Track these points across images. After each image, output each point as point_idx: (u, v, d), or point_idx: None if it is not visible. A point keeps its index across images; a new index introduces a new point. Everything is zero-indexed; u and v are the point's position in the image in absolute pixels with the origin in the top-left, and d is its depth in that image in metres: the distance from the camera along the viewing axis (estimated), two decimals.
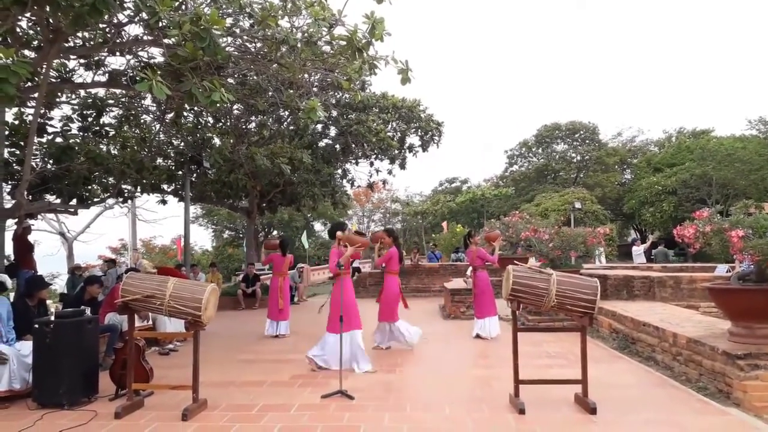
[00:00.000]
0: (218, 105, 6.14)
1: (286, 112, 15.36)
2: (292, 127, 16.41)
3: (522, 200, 39.12)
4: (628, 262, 20.54)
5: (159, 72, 7.44)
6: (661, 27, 77.36)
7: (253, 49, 8.27)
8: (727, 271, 10.78)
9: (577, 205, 30.78)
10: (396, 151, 18.00)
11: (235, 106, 13.27)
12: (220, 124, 15.08)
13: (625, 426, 4.47)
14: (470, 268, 11.26)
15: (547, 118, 74.40)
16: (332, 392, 5.46)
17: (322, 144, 17.65)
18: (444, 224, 36.05)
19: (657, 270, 12.87)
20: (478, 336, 9.00)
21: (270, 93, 11.22)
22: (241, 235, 36.08)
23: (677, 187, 31.49)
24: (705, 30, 74.90)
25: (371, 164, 18.59)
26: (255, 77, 10.50)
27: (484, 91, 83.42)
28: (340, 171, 18.84)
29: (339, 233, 7.28)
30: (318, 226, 44.26)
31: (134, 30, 8.32)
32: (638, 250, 18.94)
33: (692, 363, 6.00)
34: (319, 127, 17.16)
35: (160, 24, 5.94)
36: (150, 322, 8.12)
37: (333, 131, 17.44)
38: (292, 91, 10.56)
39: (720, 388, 5.40)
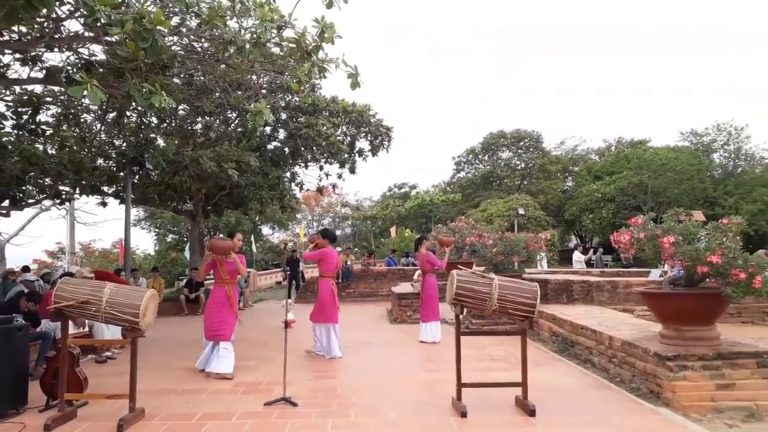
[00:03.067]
0: (158, 108, 5.96)
1: (234, 114, 15.11)
2: (239, 129, 16.15)
3: (468, 206, 39.75)
4: (569, 266, 21.21)
5: (101, 70, 7.21)
6: (601, 41, 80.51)
7: (199, 49, 8.11)
8: (660, 276, 11.29)
9: (521, 211, 31.55)
10: (346, 155, 17.97)
11: (180, 107, 12.96)
12: (165, 124, 14.67)
13: (562, 427, 4.61)
14: (418, 272, 11.36)
15: (493, 125, 76.13)
16: (275, 399, 5.40)
17: (270, 147, 17.42)
18: (393, 229, 36.27)
19: (595, 275, 13.34)
20: (422, 341, 9.10)
21: (217, 94, 11.01)
22: (185, 239, 35.17)
23: (615, 195, 32.75)
24: (642, 44, 78.38)
25: (321, 168, 18.49)
26: (202, 78, 10.28)
27: (433, 98, 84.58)
28: (288, 174, 18.65)
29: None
30: (266, 230, 43.65)
31: (74, 26, 8.01)
32: (578, 256, 19.57)
33: (626, 365, 6.25)
34: (268, 129, 16.93)
35: (99, 23, 5.74)
36: (86, 329, 7.82)
37: (282, 134, 17.25)
38: (240, 92, 10.40)
39: (651, 389, 5.64)
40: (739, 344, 5.79)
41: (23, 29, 7.64)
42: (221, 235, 7.71)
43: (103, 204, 15.21)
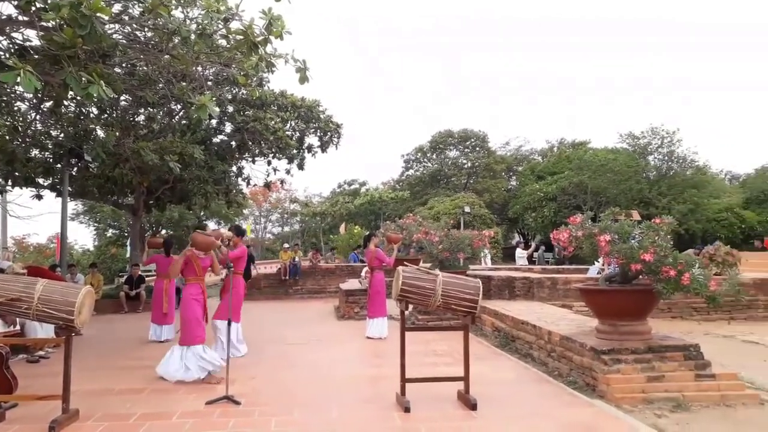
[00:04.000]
0: (96, 98, 5.74)
1: (178, 106, 14.71)
2: (184, 122, 15.73)
3: (417, 203, 40.16)
4: (512, 263, 21.75)
5: (36, 56, 6.87)
6: (548, 45, 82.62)
7: (143, 39, 7.85)
8: (597, 273, 11.73)
9: (467, 209, 32.13)
10: (294, 151, 17.81)
11: (122, 97, 12.50)
12: (105, 115, 14.13)
13: (502, 420, 4.74)
14: (366, 269, 11.41)
15: (442, 124, 77.03)
16: (217, 398, 5.31)
17: (216, 140, 17.05)
18: (342, 226, 36.21)
19: (537, 271, 13.74)
20: (369, 337, 9.15)
21: (161, 85, 10.68)
22: (126, 234, 34.01)
23: (557, 194, 33.83)
24: (587, 48, 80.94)
25: (269, 163, 18.25)
26: (145, 68, 9.95)
27: (384, 95, 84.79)
28: (235, 169, 18.32)
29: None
30: (212, 225, 42.70)
31: (7, 8, 7.61)
32: (521, 253, 20.12)
33: (564, 359, 6.47)
34: (214, 122, 16.58)
35: (34, 7, 5.48)
36: (17, 328, 7.46)
37: (229, 127, 16.93)
38: (184, 84, 10.12)
39: (587, 382, 5.87)
40: (668, 338, 6.09)
41: None
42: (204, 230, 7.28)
43: (38, 197, 14.54)
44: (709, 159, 59.74)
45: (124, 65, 9.67)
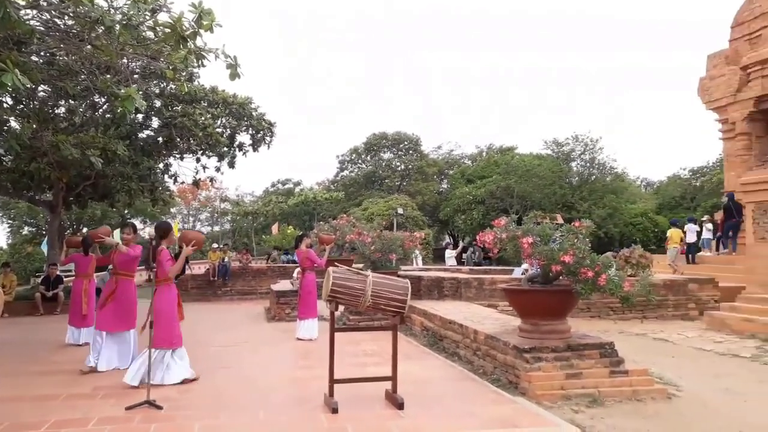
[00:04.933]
0: (10, 87, 5.41)
1: (102, 99, 14.07)
2: (108, 115, 15.06)
3: (351, 204, 40.19)
4: (443, 264, 22.22)
5: None
6: (476, 50, 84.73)
7: (63, 27, 7.46)
8: (522, 273, 12.17)
9: (400, 210, 32.50)
10: (225, 149, 17.43)
11: (40, 88, 11.82)
12: (21, 106, 13.32)
13: (427, 418, 4.83)
14: (297, 270, 11.33)
15: (377, 126, 77.40)
16: (138, 403, 5.11)
17: (142, 135, 16.42)
18: (275, 226, 35.69)
19: (465, 272, 14.09)
20: (300, 338, 9.09)
21: (83, 76, 10.19)
22: (43, 232, 32.15)
23: (485, 198, 34.81)
24: (513, 54, 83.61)
25: (197, 160, 17.75)
26: (65, 57, 9.47)
27: (319, 95, 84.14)
28: (162, 165, 17.69)
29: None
30: (137, 223, 41.05)
31: None
32: (450, 253, 20.62)
33: (489, 357, 6.68)
34: (140, 117, 15.96)
35: None
36: None
37: (156, 122, 16.33)
38: (109, 76, 9.70)
39: (510, 380, 6.08)
40: (586, 337, 6.42)
41: None
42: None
43: None
44: (626, 167, 63.18)
45: (42, 54, 9.16)
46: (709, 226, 17.62)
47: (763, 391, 6.23)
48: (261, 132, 17.82)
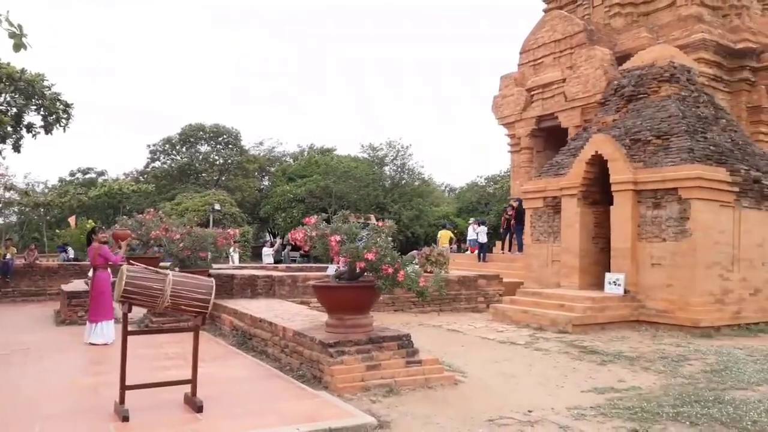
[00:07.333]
0: None
1: None
2: None
3: (162, 198, 37.69)
4: (261, 262, 21.94)
5: None
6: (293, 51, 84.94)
7: None
8: (335, 270, 12.53)
9: (217, 206, 31.30)
10: (9, 129, 15.30)
11: None
12: None
13: (228, 420, 4.75)
14: (92, 269, 10.35)
15: (193, 117, 73.54)
16: None
17: None
18: (72, 219, 32.02)
19: (281, 270, 14.08)
20: (92, 343, 8.31)
21: None
22: None
23: (305, 196, 35.19)
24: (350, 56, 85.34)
25: None
26: None
27: (128, 80, 77.29)
28: None
29: None
30: None
31: None
32: (267, 251, 20.47)
33: (296, 354, 6.77)
34: None
35: None
36: None
37: None
38: None
39: (315, 375, 6.22)
40: (387, 330, 6.82)
41: None
42: None
43: None
44: (432, 173, 68.21)
45: None
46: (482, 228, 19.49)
47: (531, 372, 7.17)
48: (55, 114, 15.98)
